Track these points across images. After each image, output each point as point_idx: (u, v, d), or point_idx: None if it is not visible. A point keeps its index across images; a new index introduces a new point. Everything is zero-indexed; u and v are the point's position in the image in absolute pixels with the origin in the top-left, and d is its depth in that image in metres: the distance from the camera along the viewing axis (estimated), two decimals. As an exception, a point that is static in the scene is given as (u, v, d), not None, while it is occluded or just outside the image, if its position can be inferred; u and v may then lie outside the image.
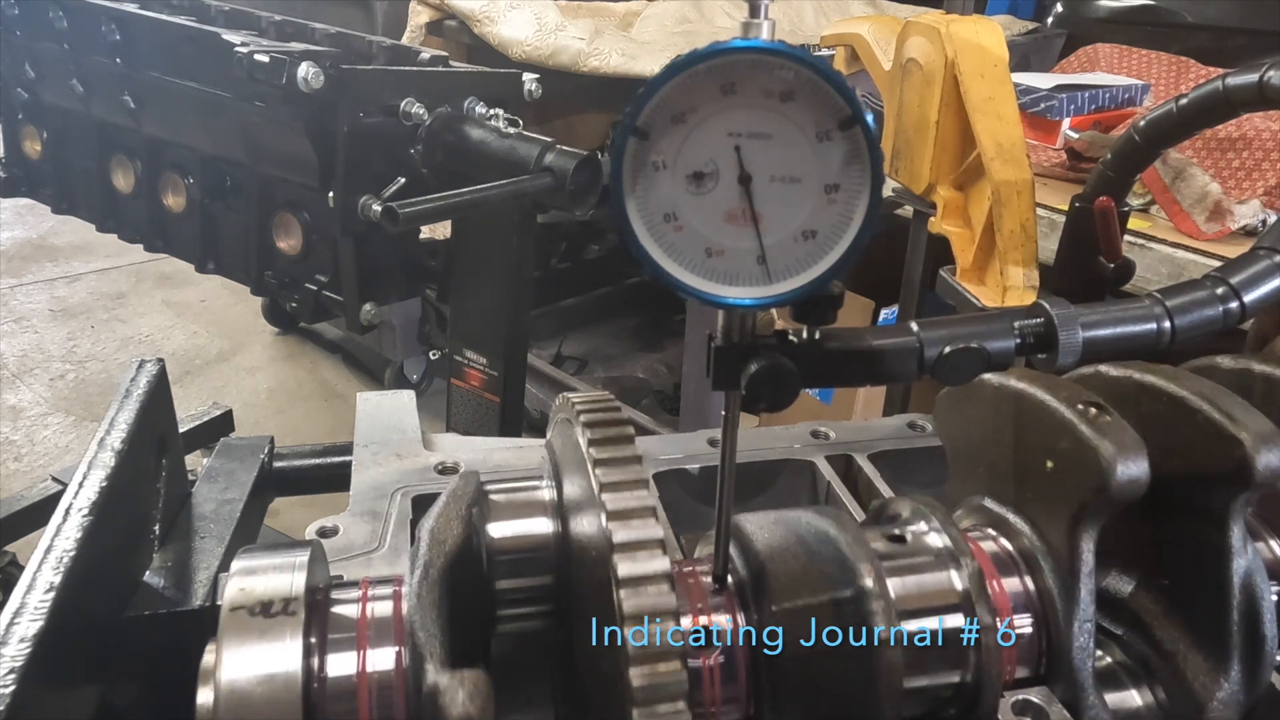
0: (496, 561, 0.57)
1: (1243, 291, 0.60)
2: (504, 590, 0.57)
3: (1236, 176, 2.00)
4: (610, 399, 0.58)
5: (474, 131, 1.58)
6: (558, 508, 0.59)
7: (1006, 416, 0.58)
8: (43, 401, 3.63)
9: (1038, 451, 0.56)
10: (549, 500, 0.60)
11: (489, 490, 0.60)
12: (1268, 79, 0.68)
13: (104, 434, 0.66)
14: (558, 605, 0.59)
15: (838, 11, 3.47)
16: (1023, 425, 0.57)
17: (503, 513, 0.59)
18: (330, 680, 0.50)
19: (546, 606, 0.59)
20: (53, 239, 5.02)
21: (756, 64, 0.44)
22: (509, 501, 0.60)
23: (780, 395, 0.50)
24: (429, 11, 2.78)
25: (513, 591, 0.58)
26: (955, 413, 0.67)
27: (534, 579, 0.58)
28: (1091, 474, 0.51)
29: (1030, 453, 0.57)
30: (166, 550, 0.71)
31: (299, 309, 1.79)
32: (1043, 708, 0.55)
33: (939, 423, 0.70)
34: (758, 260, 0.47)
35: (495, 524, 0.58)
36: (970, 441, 0.65)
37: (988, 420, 0.61)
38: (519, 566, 0.58)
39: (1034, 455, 0.56)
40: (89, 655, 0.58)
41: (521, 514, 0.59)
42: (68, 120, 1.99)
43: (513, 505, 0.60)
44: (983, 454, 0.63)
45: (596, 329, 4.25)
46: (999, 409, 0.59)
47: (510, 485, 0.61)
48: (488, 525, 0.58)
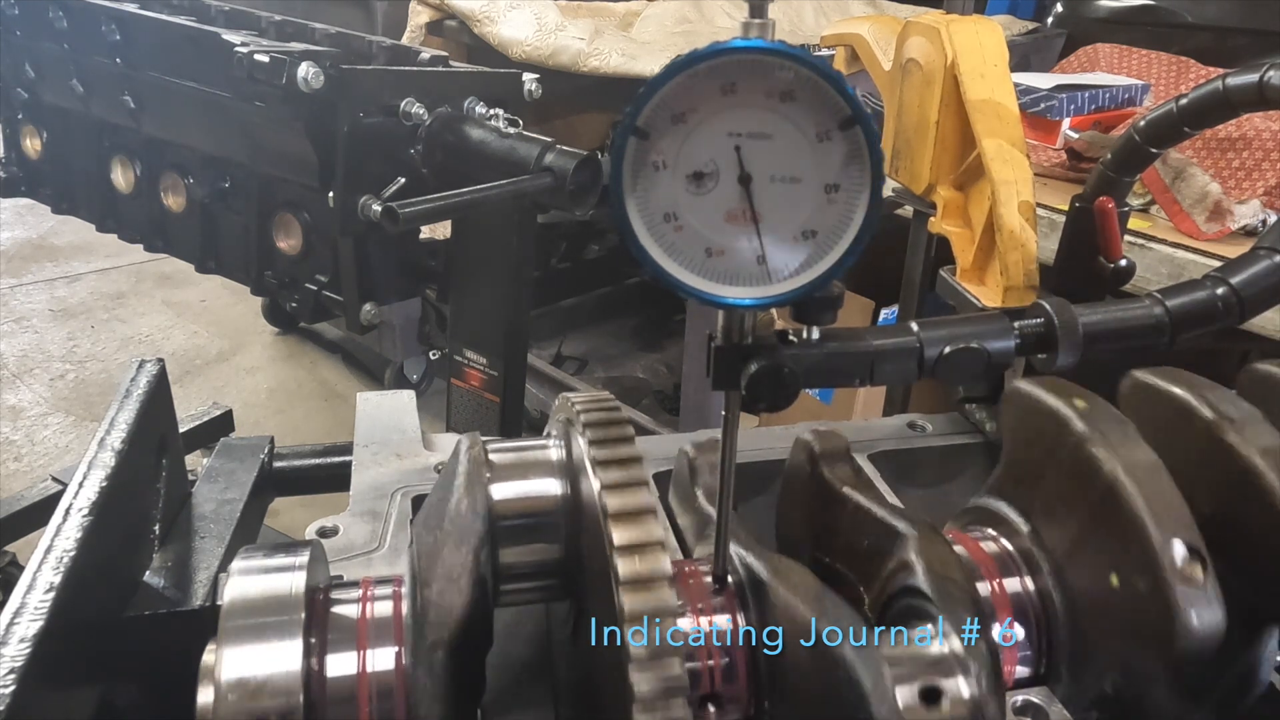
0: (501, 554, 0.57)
1: (1243, 291, 0.60)
2: (509, 565, 0.57)
3: (1236, 176, 2.00)
4: (610, 399, 0.58)
5: (474, 131, 1.58)
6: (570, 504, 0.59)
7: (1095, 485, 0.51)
8: (43, 401, 3.63)
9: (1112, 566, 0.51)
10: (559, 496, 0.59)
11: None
12: (1268, 79, 0.68)
13: (104, 434, 0.66)
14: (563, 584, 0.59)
15: (838, 11, 3.47)
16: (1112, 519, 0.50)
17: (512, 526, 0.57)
18: (330, 680, 0.50)
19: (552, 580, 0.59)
20: (53, 239, 5.02)
21: (756, 64, 0.44)
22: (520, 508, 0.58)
23: (780, 395, 0.51)
24: (429, 11, 2.78)
25: (519, 568, 0.58)
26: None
27: (541, 557, 0.58)
28: (1155, 634, 0.47)
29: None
30: (166, 550, 0.71)
31: (299, 309, 1.79)
32: (1043, 708, 0.55)
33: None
34: (758, 260, 0.47)
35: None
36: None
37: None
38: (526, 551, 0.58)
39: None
40: (89, 655, 0.58)
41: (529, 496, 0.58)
42: (68, 120, 1.99)
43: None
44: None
45: (596, 329, 4.25)
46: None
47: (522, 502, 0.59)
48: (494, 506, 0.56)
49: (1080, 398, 0.52)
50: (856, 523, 0.59)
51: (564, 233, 3.93)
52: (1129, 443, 0.49)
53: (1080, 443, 0.50)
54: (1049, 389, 0.52)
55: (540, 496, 0.58)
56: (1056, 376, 0.54)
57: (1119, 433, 0.50)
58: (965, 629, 0.47)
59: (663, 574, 0.48)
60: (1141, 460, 0.49)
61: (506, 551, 0.56)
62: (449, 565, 0.51)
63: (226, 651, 0.48)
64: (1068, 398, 0.52)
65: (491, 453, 0.58)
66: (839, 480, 0.61)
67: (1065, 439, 0.51)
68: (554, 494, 0.58)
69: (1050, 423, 0.52)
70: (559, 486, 0.58)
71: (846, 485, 0.60)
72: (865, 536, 0.58)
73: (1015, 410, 0.54)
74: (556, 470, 0.59)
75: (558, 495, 0.57)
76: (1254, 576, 0.50)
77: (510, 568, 0.56)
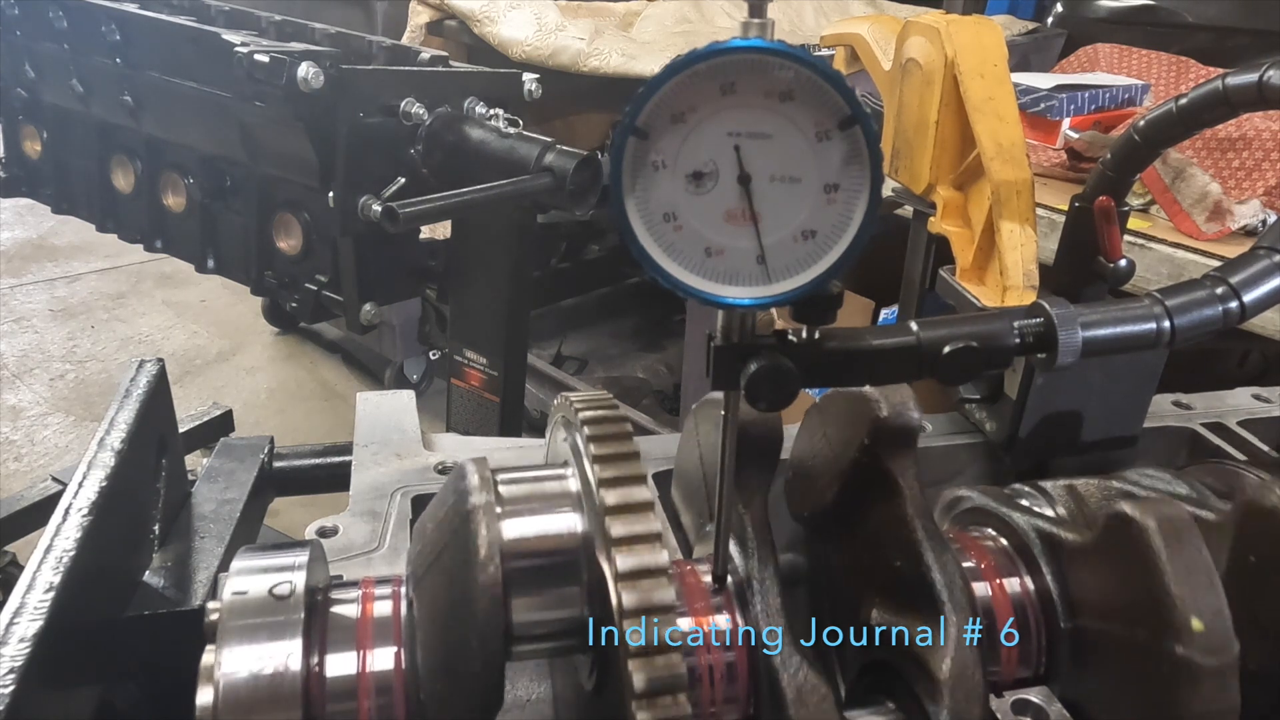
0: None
1: (1242, 291, 0.60)
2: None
3: (1236, 176, 2.00)
4: (609, 398, 0.58)
5: (474, 131, 1.58)
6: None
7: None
8: (43, 401, 3.63)
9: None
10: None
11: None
12: (1267, 79, 0.68)
13: (104, 434, 0.66)
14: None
15: (838, 11, 3.47)
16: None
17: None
18: (330, 680, 0.50)
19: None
20: (53, 239, 5.02)
21: (756, 64, 0.44)
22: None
23: (780, 395, 0.50)
24: (429, 11, 2.78)
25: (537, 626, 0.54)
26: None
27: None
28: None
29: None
30: (166, 550, 0.71)
31: (299, 309, 1.79)
32: (1042, 707, 0.55)
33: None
34: (757, 260, 0.47)
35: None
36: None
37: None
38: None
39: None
40: (89, 655, 0.58)
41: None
42: (68, 120, 1.99)
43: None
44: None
45: (596, 329, 4.25)
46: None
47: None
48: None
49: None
50: (895, 536, 0.57)
51: (564, 233, 3.93)
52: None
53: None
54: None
55: (559, 535, 0.54)
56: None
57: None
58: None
59: (660, 568, 0.48)
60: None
61: (521, 605, 0.53)
62: (461, 679, 0.49)
63: (226, 651, 0.48)
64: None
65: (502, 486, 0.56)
66: (898, 480, 0.58)
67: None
68: (573, 532, 0.54)
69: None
70: (579, 523, 0.55)
71: (906, 491, 0.58)
72: (898, 558, 0.57)
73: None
74: (573, 503, 0.56)
75: (578, 533, 0.54)
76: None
77: (526, 626, 0.53)
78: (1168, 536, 0.51)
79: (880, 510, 0.59)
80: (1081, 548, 0.57)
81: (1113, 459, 0.92)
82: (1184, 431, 1.00)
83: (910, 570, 0.56)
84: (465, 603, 0.49)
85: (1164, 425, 0.99)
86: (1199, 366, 1.56)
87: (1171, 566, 0.50)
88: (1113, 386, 0.89)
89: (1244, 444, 0.97)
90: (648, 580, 0.48)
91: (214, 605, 0.51)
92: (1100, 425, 0.91)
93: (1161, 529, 0.51)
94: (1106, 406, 0.90)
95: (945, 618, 0.54)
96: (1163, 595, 0.50)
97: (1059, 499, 0.64)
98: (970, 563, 0.61)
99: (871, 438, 0.59)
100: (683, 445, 0.75)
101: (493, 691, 0.49)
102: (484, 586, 0.49)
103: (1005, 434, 0.91)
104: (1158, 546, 0.50)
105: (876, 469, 0.60)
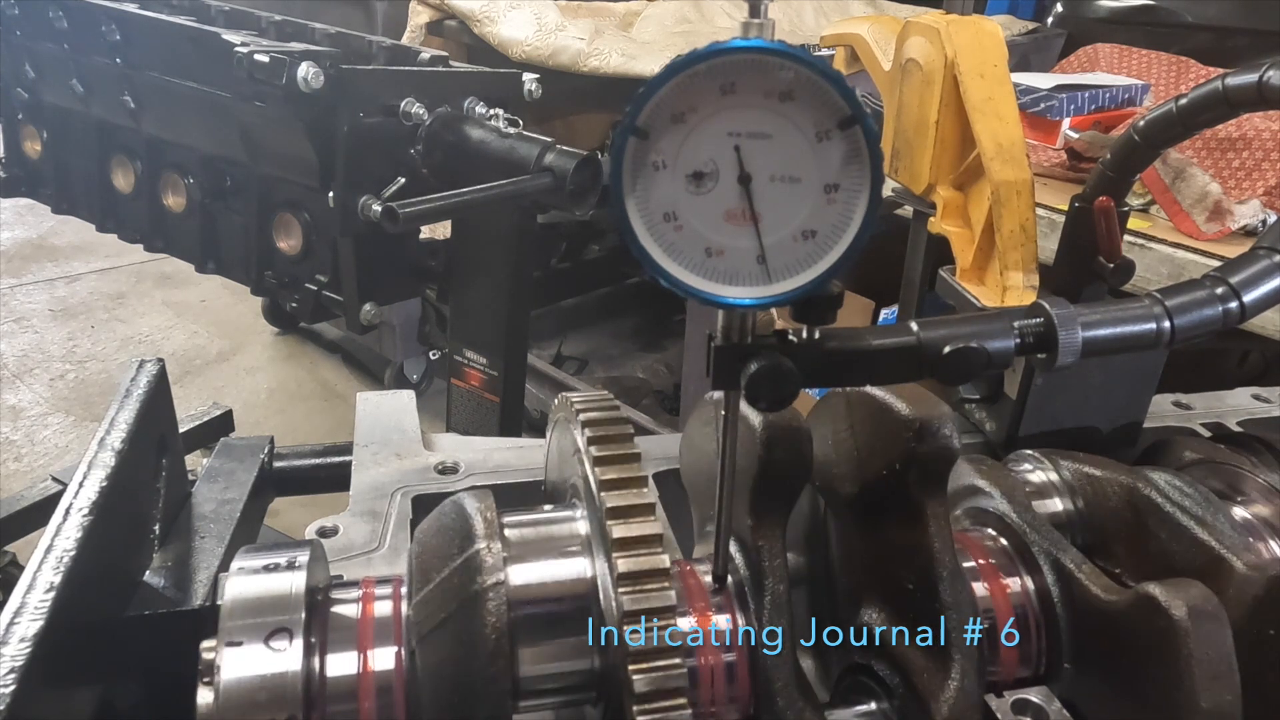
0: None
1: (1242, 291, 0.60)
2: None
3: (1236, 176, 2.00)
4: (609, 398, 0.58)
5: (474, 131, 1.58)
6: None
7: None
8: (43, 401, 3.63)
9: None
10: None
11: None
12: (1266, 79, 0.68)
13: (104, 434, 0.66)
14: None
15: (838, 11, 3.47)
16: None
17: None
18: (331, 680, 0.50)
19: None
20: (53, 239, 5.02)
21: (756, 64, 0.44)
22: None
23: (780, 395, 0.50)
24: (429, 11, 2.78)
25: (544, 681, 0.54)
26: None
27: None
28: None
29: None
30: (166, 550, 0.71)
31: (299, 309, 1.79)
32: (1042, 707, 0.55)
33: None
34: (757, 260, 0.46)
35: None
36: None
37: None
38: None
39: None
40: (89, 655, 0.58)
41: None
42: (68, 120, 1.99)
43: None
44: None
45: (597, 329, 4.25)
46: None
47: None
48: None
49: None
50: (913, 559, 0.56)
51: (564, 233, 3.93)
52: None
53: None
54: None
55: (567, 590, 0.54)
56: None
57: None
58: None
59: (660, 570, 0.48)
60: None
61: (528, 655, 0.52)
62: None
63: (227, 651, 0.48)
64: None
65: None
66: (927, 511, 0.56)
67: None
68: (582, 581, 0.54)
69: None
70: (589, 570, 0.54)
71: (933, 523, 0.55)
72: (912, 581, 0.56)
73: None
74: (582, 546, 0.55)
75: (587, 578, 0.54)
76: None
77: (533, 680, 0.53)
78: (1198, 629, 0.50)
79: (901, 531, 0.58)
80: (1104, 612, 0.56)
81: (1110, 460, 0.92)
82: (1183, 432, 1.00)
83: (922, 597, 0.55)
84: (470, 689, 0.49)
85: (1164, 425, 0.99)
86: (1199, 367, 1.56)
87: (1199, 662, 0.49)
88: (1113, 387, 0.89)
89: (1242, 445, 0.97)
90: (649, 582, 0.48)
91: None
92: (1100, 425, 0.91)
93: (1192, 618, 0.50)
94: (1106, 407, 0.90)
95: (953, 659, 0.53)
96: (1182, 684, 0.49)
97: (1078, 489, 0.64)
98: (970, 563, 0.61)
99: (903, 465, 0.57)
100: (694, 437, 0.73)
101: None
102: (491, 679, 0.49)
103: (1005, 434, 0.91)
104: (1187, 641, 0.49)
105: (904, 494, 0.58)
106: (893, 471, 0.57)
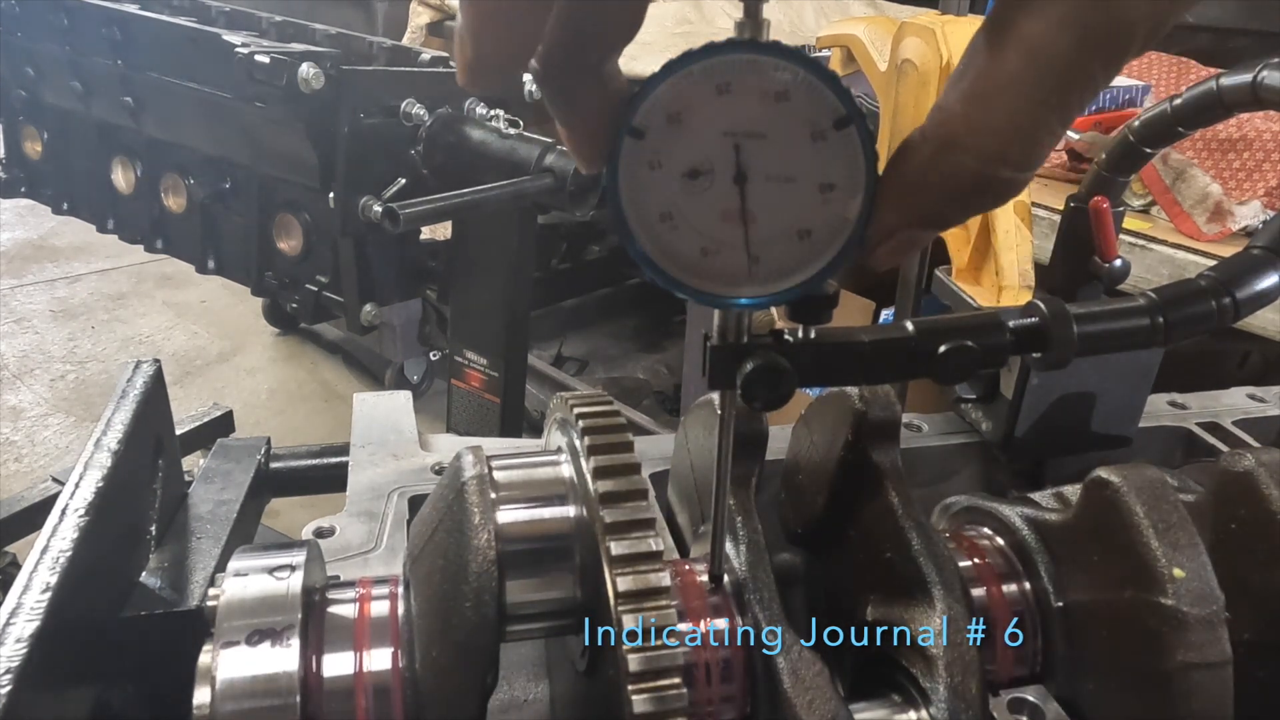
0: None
1: (1236, 290, 0.60)
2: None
3: (1237, 177, 2.00)
4: (604, 395, 0.58)
5: (474, 132, 1.58)
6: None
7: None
8: (43, 402, 3.64)
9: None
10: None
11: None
12: (1260, 79, 0.68)
13: (100, 434, 0.66)
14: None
15: (838, 12, 3.47)
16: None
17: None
18: (327, 681, 0.50)
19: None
20: (53, 240, 5.02)
21: (752, 63, 0.44)
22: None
23: (776, 394, 0.50)
24: (429, 12, 2.79)
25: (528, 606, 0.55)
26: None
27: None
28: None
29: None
30: (163, 551, 0.71)
31: (299, 310, 1.79)
32: (1038, 705, 0.55)
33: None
34: (753, 260, 0.47)
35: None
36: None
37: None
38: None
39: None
40: (85, 656, 0.58)
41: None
42: (68, 121, 2.00)
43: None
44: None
45: (597, 330, 4.25)
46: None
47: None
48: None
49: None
50: (885, 529, 0.59)
51: (564, 233, 3.93)
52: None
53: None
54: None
55: (553, 520, 0.55)
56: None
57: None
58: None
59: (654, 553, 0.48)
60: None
61: (515, 586, 0.53)
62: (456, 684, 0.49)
63: (223, 652, 0.48)
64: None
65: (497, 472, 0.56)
66: (883, 470, 0.60)
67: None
68: (567, 517, 0.55)
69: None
70: (572, 509, 0.55)
71: (890, 480, 0.60)
72: (888, 550, 0.58)
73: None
74: (568, 489, 0.56)
75: (571, 518, 0.55)
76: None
77: (520, 606, 0.54)
78: (1143, 494, 0.53)
79: (870, 507, 0.60)
80: (1065, 524, 0.59)
81: (1109, 458, 0.91)
82: (1179, 431, 1.00)
83: (900, 556, 0.57)
84: (460, 569, 0.50)
85: (1159, 425, 0.99)
86: (1199, 368, 1.56)
87: (1149, 521, 0.52)
88: (1109, 386, 0.89)
89: (1239, 444, 0.97)
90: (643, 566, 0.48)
91: (214, 592, 0.51)
92: (1096, 424, 0.91)
93: (1137, 488, 0.53)
94: (1102, 406, 0.90)
95: (934, 595, 0.54)
96: (1144, 550, 0.51)
97: (1046, 504, 0.65)
98: (966, 561, 0.61)
99: (855, 432, 0.61)
100: (676, 449, 0.75)
101: (489, 659, 0.50)
102: (477, 549, 0.50)
103: (1001, 434, 0.91)
104: (1134, 505, 0.52)
105: (863, 465, 0.61)
106: (849, 446, 0.61)
